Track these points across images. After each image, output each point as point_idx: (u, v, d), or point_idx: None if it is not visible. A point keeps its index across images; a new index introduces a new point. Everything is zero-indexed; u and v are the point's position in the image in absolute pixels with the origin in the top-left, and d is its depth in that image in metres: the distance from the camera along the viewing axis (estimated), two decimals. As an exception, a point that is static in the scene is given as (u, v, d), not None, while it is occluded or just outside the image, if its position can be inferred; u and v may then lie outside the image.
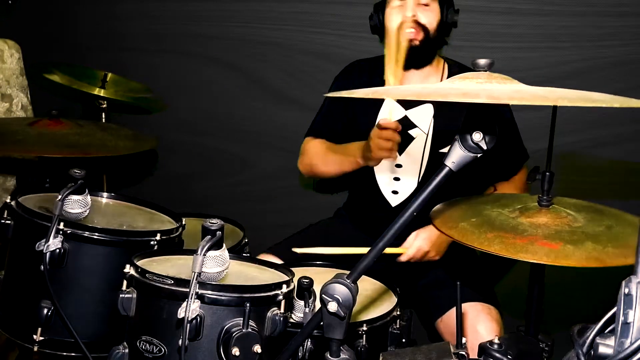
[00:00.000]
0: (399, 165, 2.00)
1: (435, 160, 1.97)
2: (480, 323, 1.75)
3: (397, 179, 2.01)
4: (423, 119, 1.99)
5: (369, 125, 1.97)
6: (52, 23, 2.90)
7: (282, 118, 2.65)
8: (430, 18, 1.92)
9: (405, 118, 2.00)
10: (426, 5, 1.92)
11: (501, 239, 1.28)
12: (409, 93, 1.15)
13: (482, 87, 1.03)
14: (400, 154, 1.99)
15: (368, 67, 2.10)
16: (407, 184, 2.01)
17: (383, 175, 2.03)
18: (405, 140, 1.99)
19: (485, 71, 1.08)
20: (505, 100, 0.94)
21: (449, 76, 2.03)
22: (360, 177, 2.11)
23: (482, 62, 1.09)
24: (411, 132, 1.99)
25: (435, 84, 1.20)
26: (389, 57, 1.78)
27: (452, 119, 1.94)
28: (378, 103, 2.03)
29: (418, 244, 1.85)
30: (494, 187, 2.05)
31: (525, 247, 1.24)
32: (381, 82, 2.04)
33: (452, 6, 1.97)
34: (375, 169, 2.03)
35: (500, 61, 1.21)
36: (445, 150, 1.94)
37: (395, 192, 2.02)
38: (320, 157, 2.10)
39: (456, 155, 1.07)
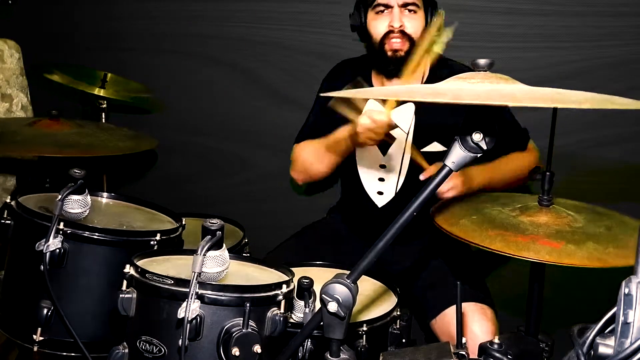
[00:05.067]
0: (382, 166, 2.00)
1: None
2: (475, 323, 1.75)
3: (381, 179, 2.00)
4: (404, 118, 1.96)
5: None
6: (52, 23, 2.90)
7: (281, 118, 2.64)
8: (416, 27, 1.89)
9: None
10: (413, 12, 1.89)
11: (503, 236, 1.28)
12: (390, 93, 1.15)
13: (469, 87, 1.02)
14: (384, 155, 1.99)
15: (353, 66, 2.10)
16: (391, 184, 2.00)
17: (368, 177, 2.03)
18: (387, 141, 1.98)
19: (485, 71, 1.08)
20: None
21: (430, 73, 2.00)
22: (347, 180, 2.11)
23: (482, 62, 1.09)
24: (393, 132, 1.98)
25: (420, 85, 1.20)
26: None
27: (432, 117, 1.93)
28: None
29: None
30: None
31: (527, 246, 1.24)
32: (366, 80, 2.03)
33: (436, 9, 1.93)
34: (360, 170, 2.03)
35: (500, 61, 1.21)
36: (427, 149, 1.94)
37: (380, 193, 2.01)
38: (312, 153, 2.04)
39: (456, 155, 1.08)
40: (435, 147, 1.94)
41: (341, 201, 2.26)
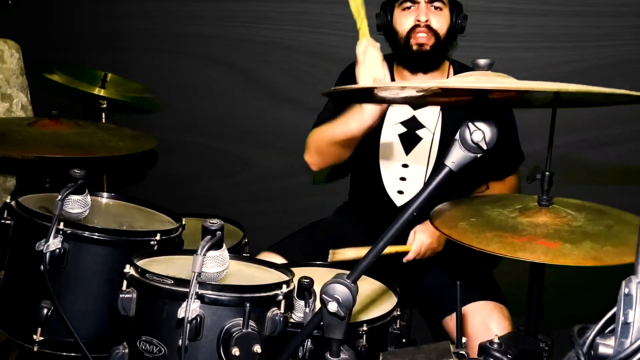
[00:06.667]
0: (405, 165, 2.00)
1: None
2: (493, 321, 1.76)
3: (403, 178, 2.00)
4: (431, 119, 1.98)
5: (377, 128, 1.96)
6: (52, 23, 2.90)
7: (282, 118, 2.65)
8: (442, 23, 1.92)
9: (413, 118, 2.00)
10: (439, 9, 1.92)
11: (499, 238, 1.28)
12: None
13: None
14: (407, 154, 2.00)
15: None
16: (414, 184, 2.00)
17: (389, 175, 2.03)
18: (412, 141, 1.99)
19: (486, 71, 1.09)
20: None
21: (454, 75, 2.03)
22: (364, 178, 2.11)
23: (482, 62, 1.09)
24: (419, 132, 1.99)
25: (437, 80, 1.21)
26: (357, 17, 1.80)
27: (459, 119, 1.93)
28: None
29: (420, 238, 1.86)
30: (487, 186, 2.06)
31: (523, 246, 1.24)
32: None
33: (462, 12, 1.97)
34: (382, 168, 2.02)
35: (500, 61, 1.21)
36: None
37: (400, 192, 2.02)
38: (325, 132, 1.99)
39: (456, 155, 1.08)
40: None
41: (352, 200, 2.25)
